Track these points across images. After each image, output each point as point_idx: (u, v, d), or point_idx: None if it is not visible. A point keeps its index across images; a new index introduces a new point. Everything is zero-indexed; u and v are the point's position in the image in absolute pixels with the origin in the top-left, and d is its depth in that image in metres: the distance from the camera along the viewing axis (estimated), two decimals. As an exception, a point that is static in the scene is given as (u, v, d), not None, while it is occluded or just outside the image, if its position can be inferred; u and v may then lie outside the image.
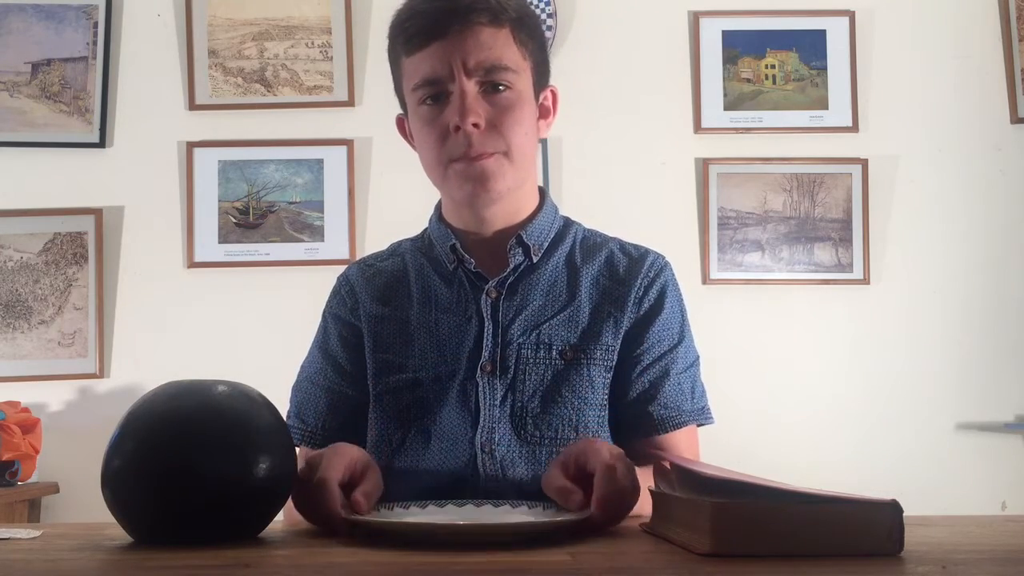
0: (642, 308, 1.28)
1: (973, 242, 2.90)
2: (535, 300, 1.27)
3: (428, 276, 1.32)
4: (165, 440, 0.90)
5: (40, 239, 2.89)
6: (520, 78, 1.24)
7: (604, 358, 1.24)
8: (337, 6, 2.93)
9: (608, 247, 1.34)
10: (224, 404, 0.94)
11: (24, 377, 2.81)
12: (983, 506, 2.73)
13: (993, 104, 2.92)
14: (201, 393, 0.95)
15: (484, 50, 1.20)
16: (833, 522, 0.77)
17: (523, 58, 1.25)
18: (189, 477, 0.88)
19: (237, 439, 0.91)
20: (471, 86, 1.20)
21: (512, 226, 1.29)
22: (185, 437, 0.90)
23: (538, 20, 1.31)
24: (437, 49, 1.21)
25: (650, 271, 1.30)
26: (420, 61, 1.22)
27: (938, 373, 2.85)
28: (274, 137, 2.92)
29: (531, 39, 1.26)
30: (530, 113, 1.26)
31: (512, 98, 1.23)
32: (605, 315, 1.26)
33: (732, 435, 2.73)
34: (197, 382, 0.97)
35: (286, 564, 0.81)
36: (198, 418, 0.92)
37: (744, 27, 2.95)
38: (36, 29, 2.94)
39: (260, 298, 2.81)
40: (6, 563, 0.82)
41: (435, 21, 1.21)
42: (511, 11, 1.23)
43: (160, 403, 0.94)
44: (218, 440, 0.90)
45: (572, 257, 1.32)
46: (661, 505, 0.92)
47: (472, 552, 0.81)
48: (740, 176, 2.91)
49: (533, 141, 1.28)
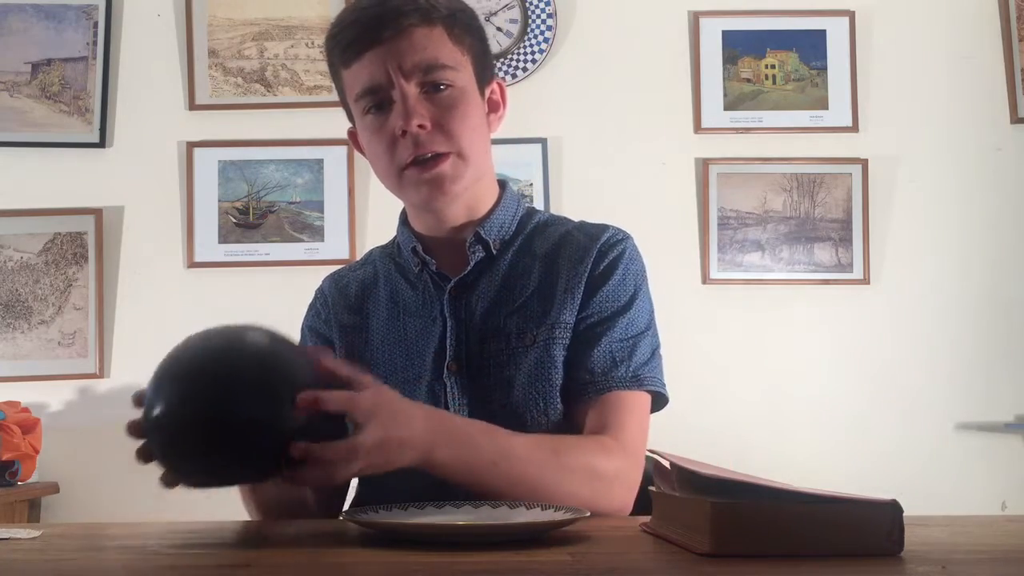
0: (592, 277, 1.26)
1: (973, 242, 2.89)
2: (494, 293, 1.27)
3: (396, 281, 1.33)
4: (205, 384, 0.90)
5: (40, 239, 2.89)
6: (460, 75, 1.23)
7: (563, 335, 1.23)
8: (337, 6, 2.93)
9: (566, 227, 1.33)
10: (261, 344, 0.94)
11: (24, 377, 2.81)
12: (983, 506, 2.73)
13: (993, 104, 2.92)
14: (237, 337, 0.96)
15: (419, 51, 1.20)
16: (833, 522, 0.77)
17: (461, 54, 1.24)
18: (231, 420, 0.88)
19: (275, 382, 0.91)
20: (411, 88, 1.20)
21: (472, 222, 1.29)
22: (224, 380, 0.90)
23: (474, 14, 1.29)
24: (372, 57, 1.20)
25: (604, 245, 1.28)
26: (358, 71, 1.22)
27: (938, 373, 2.85)
28: (274, 137, 2.92)
29: (467, 34, 1.25)
30: (476, 109, 1.25)
31: (455, 95, 1.22)
32: (562, 292, 1.25)
33: (732, 435, 2.74)
34: (230, 327, 0.97)
35: (286, 564, 0.81)
36: (235, 361, 0.92)
37: (744, 27, 2.95)
38: (36, 29, 2.94)
39: (260, 298, 2.81)
40: (6, 563, 0.82)
41: (367, 29, 1.20)
42: (442, 9, 1.23)
43: (196, 348, 0.95)
44: (258, 383, 0.90)
45: (530, 244, 1.31)
46: (661, 505, 0.92)
47: (472, 552, 0.81)
48: (740, 176, 2.91)
49: (484, 136, 1.27)
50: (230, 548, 0.87)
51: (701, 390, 2.74)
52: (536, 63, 2.89)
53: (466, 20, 1.26)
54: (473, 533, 0.89)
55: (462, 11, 1.26)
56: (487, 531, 0.90)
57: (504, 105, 1.32)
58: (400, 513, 0.98)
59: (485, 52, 1.30)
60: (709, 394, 2.77)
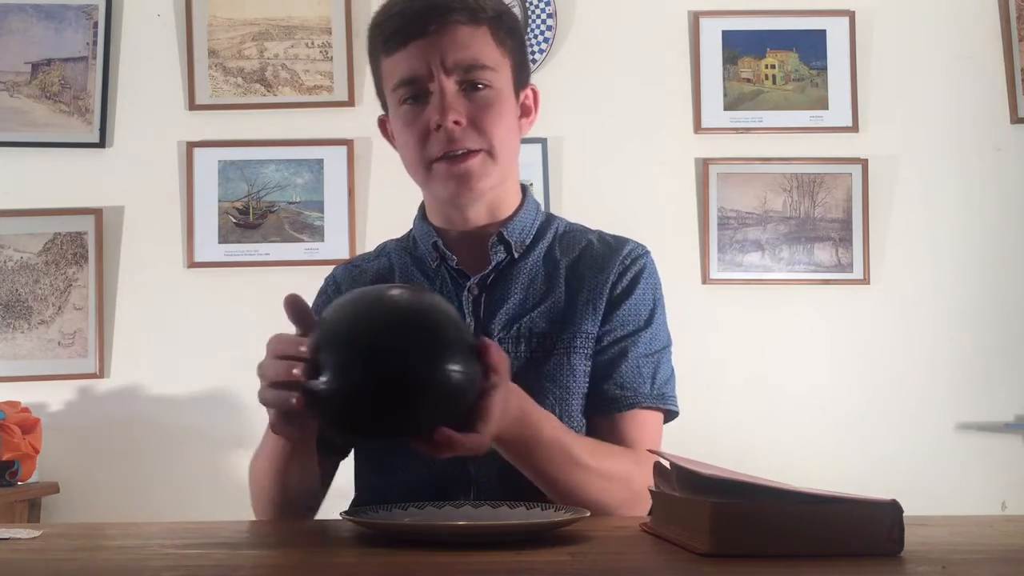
0: (615, 292, 1.28)
1: (973, 242, 2.89)
2: (515, 295, 1.27)
3: (412, 275, 1.33)
4: (375, 341, 0.89)
5: (40, 239, 2.89)
6: (499, 76, 1.24)
7: (584, 345, 1.25)
8: (337, 6, 2.93)
9: (587, 238, 1.34)
10: (430, 303, 0.94)
11: (24, 377, 2.81)
12: (983, 506, 2.72)
13: (993, 104, 2.92)
14: (428, 296, 0.95)
15: (462, 49, 1.21)
16: (833, 522, 0.77)
17: (502, 56, 1.25)
18: (399, 376, 0.87)
19: (430, 337, 0.90)
20: (450, 84, 1.21)
21: (494, 223, 1.30)
22: (397, 337, 0.89)
23: (516, 19, 1.31)
24: (415, 48, 1.21)
25: (627, 258, 1.30)
26: (399, 61, 1.23)
27: (938, 373, 2.85)
28: (274, 137, 2.92)
29: (510, 37, 1.26)
30: (510, 111, 1.27)
31: (492, 96, 1.23)
32: (584, 302, 1.27)
33: (732, 435, 2.74)
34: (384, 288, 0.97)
35: (286, 564, 0.81)
36: (441, 319, 0.92)
37: (744, 27, 2.95)
38: (36, 29, 2.94)
39: (260, 298, 2.80)
40: (6, 563, 0.82)
41: (413, 21, 1.21)
42: (489, 10, 1.24)
43: (364, 307, 0.93)
44: (410, 338, 0.89)
45: (552, 251, 1.32)
46: (661, 505, 0.92)
47: (472, 552, 0.81)
48: (740, 176, 2.91)
49: (515, 139, 1.28)
50: (230, 548, 0.87)
51: (701, 390, 2.74)
52: (536, 63, 2.89)
53: (510, 23, 1.28)
54: (473, 533, 0.89)
55: (507, 14, 1.28)
56: (487, 531, 0.90)
57: (536, 110, 1.34)
58: (400, 513, 0.98)
59: (524, 56, 1.31)
60: (709, 394, 2.77)
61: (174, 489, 2.75)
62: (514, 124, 1.28)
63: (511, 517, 0.97)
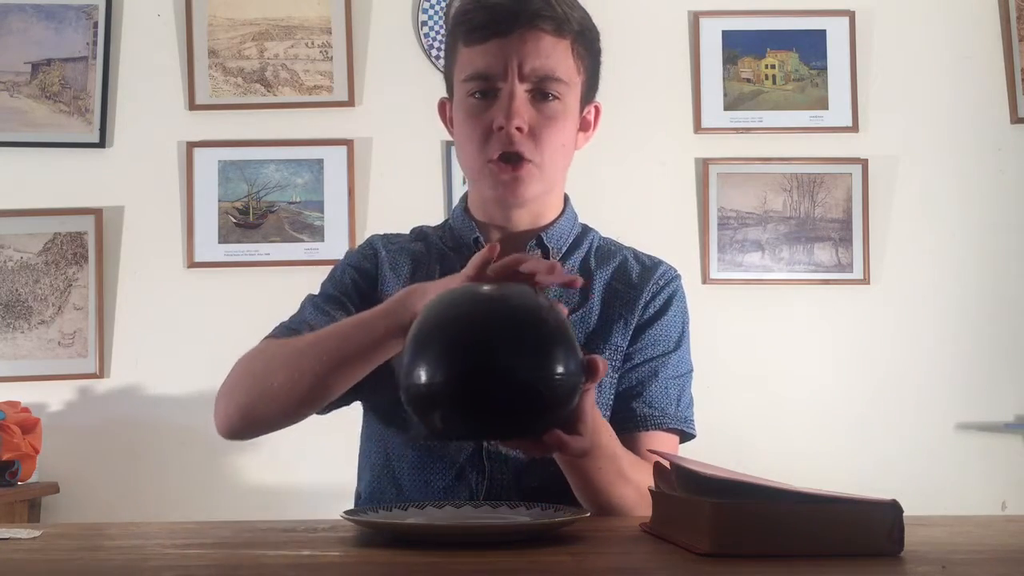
0: (647, 312, 1.29)
1: (973, 242, 2.89)
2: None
3: (451, 266, 1.31)
4: (472, 342, 0.88)
5: (40, 239, 2.89)
6: (570, 91, 1.25)
7: (613, 357, 1.26)
8: (337, 6, 2.93)
9: (622, 254, 1.36)
10: (528, 302, 0.92)
11: (24, 377, 2.81)
12: (983, 506, 2.72)
13: (993, 104, 2.92)
14: (499, 297, 0.93)
15: (542, 57, 1.22)
16: (833, 522, 0.77)
17: (577, 72, 1.26)
18: (495, 377, 0.86)
19: (544, 339, 0.88)
20: (521, 90, 1.22)
21: (535, 228, 1.32)
22: (491, 336, 0.88)
23: (599, 36, 1.32)
24: (496, 47, 1.21)
25: (661, 279, 1.32)
26: (477, 55, 1.23)
27: (938, 373, 2.85)
28: (274, 137, 2.92)
29: (588, 54, 1.28)
30: (572, 126, 1.28)
31: (559, 109, 1.24)
32: (616, 316, 1.28)
33: (732, 435, 2.73)
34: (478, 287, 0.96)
35: (284, 564, 0.81)
36: (505, 320, 0.90)
37: (744, 27, 2.95)
38: (36, 29, 2.94)
39: (260, 298, 2.81)
40: (6, 563, 0.82)
41: (500, 19, 1.21)
42: (575, 23, 1.24)
43: (463, 307, 0.91)
44: (525, 339, 0.88)
45: (587, 262, 1.33)
46: (661, 505, 0.92)
47: (472, 552, 0.81)
48: (740, 176, 2.91)
49: (567, 153, 1.30)
50: (229, 548, 0.87)
51: (701, 390, 2.72)
52: (536, 63, 2.89)
53: (592, 39, 1.29)
54: (473, 533, 0.89)
55: (591, 30, 1.29)
56: (487, 531, 0.90)
57: (595, 127, 1.36)
58: (400, 513, 0.98)
59: (596, 74, 1.33)
60: (709, 394, 2.75)
61: (174, 489, 2.74)
62: (570, 139, 1.29)
63: (511, 517, 0.97)
